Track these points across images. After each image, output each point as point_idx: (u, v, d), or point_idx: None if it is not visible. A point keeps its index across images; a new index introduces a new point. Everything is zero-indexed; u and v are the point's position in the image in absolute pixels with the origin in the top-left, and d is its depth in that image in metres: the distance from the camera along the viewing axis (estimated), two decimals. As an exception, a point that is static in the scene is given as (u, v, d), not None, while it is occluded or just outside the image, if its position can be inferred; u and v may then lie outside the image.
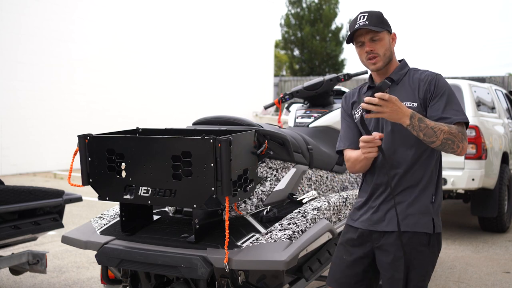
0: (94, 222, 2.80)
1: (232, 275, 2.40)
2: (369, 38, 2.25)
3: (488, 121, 6.35)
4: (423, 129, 2.08)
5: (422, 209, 2.23)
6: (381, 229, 2.26)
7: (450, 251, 5.60)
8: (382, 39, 2.26)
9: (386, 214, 2.26)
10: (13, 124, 11.48)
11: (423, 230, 2.22)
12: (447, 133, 2.11)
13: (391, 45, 2.31)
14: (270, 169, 2.77)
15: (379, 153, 2.17)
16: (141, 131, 2.79)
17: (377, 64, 2.27)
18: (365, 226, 2.31)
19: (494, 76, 18.21)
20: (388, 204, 2.27)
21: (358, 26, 2.25)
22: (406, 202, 2.24)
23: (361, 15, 2.28)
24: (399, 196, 2.25)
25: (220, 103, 17.34)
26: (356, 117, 2.38)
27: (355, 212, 2.40)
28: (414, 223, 2.22)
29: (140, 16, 14.68)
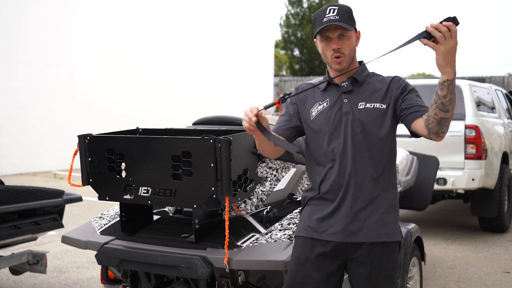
0: (94, 222, 2.80)
1: (232, 275, 2.40)
2: (337, 35, 2.11)
3: (488, 121, 6.35)
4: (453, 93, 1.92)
5: (395, 217, 2.14)
6: (360, 240, 2.09)
7: (450, 251, 5.60)
8: (350, 37, 2.13)
9: (364, 224, 2.09)
10: (13, 124, 11.48)
11: (398, 239, 2.14)
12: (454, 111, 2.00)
13: (355, 44, 2.18)
14: (270, 169, 2.77)
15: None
16: (141, 131, 2.79)
17: (342, 64, 2.13)
18: (340, 238, 2.09)
19: (494, 76, 18.21)
20: (364, 212, 2.09)
21: (327, 20, 2.09)
22: (381, 210, 2.10)
23: (331, 8, 2.13)
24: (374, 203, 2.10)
25: (220, 103, 17.33)
26: (313, 115, 2.19)
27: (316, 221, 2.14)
28: (391, 232, 2.11)
29: (140, 16, 14.68)
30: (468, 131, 5.90)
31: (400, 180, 4.12)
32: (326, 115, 2.16)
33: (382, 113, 2.12)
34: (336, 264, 2.12)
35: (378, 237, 2.09)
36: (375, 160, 2.11)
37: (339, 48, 2.11)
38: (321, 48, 2.17)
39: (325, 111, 2.17)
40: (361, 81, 2.18)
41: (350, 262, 2.12)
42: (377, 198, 2.11)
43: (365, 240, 2.09)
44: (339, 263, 2.13)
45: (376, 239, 2.09)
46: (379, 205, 2.11)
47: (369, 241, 2.09)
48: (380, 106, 2.12)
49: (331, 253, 2.11)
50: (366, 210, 2.10)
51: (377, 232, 2.09)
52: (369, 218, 2.09)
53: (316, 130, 2.17)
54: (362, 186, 2.10)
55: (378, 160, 2.12)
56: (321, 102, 2.20)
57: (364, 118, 2.12)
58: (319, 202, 2.16)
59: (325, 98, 2.20)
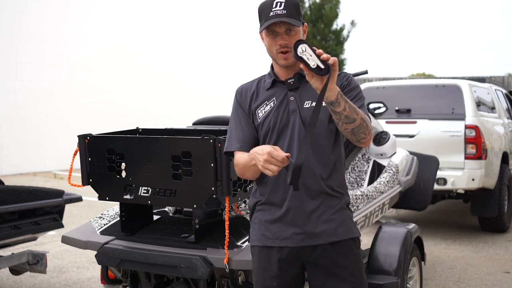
0: (94, 222, 2.80)
1: (232, 275, 2.40)
2: (284, 30, 2.01)
3: (488, 121, 6.35)
4: (348, 102, 1.86)
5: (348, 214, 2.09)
6: (314, 242, 2.00)
7: (450, 251, 5.60)
8: (297, 32, 2.03)
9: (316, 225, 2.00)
10: (13, 124, 11.48)
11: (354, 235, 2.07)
12: (362, 115, 1.92)
13: (302, 38, 2.07)
14: (270, 169, 2.76)
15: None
16: (141, 131, 2.79)
17: (289, 60, 2.02)
18: (294, 243, 2.00)
19: (494, 76, 18.20)
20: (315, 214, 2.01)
21: (274, 14, 2.00)
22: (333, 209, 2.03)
23: (277, 1, 2.02)
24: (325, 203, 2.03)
25: (220, 103, 17.33)
26: (260, 116, 2.08)
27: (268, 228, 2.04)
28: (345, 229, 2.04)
29: (140, 16, 14.68)
30: (468, 131, 5.90)
31: (400, 180, 4.12)
32: (273, 114, 2.05)
33: (328, 112, 1.99)
34: (294, 269, 2.04)
35: (333, 236, 2.01)
36: (323, 160, 2.03)
37: (286, 43, 2.01)
38: (267, 43, 2.08)
39: (272, 111, 2.06)
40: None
41: (308, 264, 2.04)
42: (327, 198, 2.03)
43: (319, 241, 2.00)
44: (297, 267, 2.05)
45: (331, 239, 2.01)
46: (330, 204, 2.03)
47: (324, 242, 2.00)
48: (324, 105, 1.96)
49: (288, 259, 2.02)
50: (317, 211, 2.01)
51: (331, 232, 2.01)
52: (321, 218, 2.01)
53: (264, 132, 2.06)
54: (310, 187, 2.00)
55: (326, 160, 2.03)
56: (267, 101, 2.09)
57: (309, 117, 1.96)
58: (267, 207, 2.05)
59: (271, 96, 2.10)
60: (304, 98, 2.05)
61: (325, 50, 30.06)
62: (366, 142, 1.98)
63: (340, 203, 2.06)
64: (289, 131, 2.02)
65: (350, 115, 1.87)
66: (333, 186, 2.05)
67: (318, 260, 2.01)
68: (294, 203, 2.00)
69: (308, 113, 1.99)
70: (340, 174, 2.10)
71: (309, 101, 2.04)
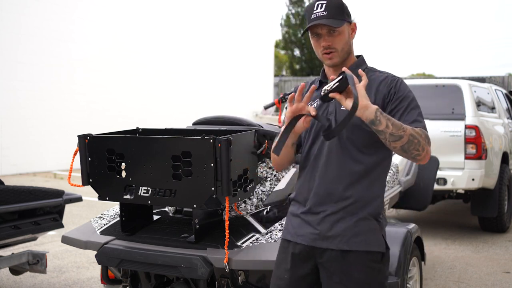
0: (94, 222, 2.80)
1: (232, 275, 2.40)
2: (326, 31, 1.99)
3: (488, 121, 6.35)
4: (391, 119, 1.83)
5: (375, 225, 1.99)
6: (325, 246, 1.98)
7: (450, 251, 5.60)
8: (341, 32, 1.99)
9: (332, 229, 1.98)
10: (13, 124, 11.48)
11: (374, 249, 1.98)
12: (412, 131, 1.85)
13: (350, 37, 2.05)
14: (270, 169, 2.77)
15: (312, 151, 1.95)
16: (141, 131, 2.79)
17: (334, 60, 2.01)
18: (307, 241, 2.01)
19: (494, 76, 18.21)
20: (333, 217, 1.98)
21: (315, 17, 1.98)
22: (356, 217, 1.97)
23: (318, 3, 2.00)
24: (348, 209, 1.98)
25: (220, 103, 17.34)
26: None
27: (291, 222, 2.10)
28: (365, 240, 1.96)
29: (140, 16, 14.68)
30: (468, 131, 5.90)
31: (400, 180, 4.12)
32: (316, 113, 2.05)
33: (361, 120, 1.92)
34: (307, 267, 2.03)
35: (344, 245, 1.96)
36: (352, 164, 1.98)
37: (329, 44, 2.00)
38: (313, 45, 2.08)
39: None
40: None
41: (319, 266, 2.02)
42: (350, 205, 1.97)
43: (330, 246, 1.97)
44: (310, 267, 2.03)
45: (341, 247, 1.96)
46: (352, 212, 1.97)
47: (334, 247, 1.97)
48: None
49: (300, 256, 2.03)
50: (336, 215, 1.98)
51: (344, 240, 1.96)
52: (337, 224, 1.97)
53: (303, 132, 2.08)
54: (334, 192, 1.99)
55: (357, 165, 1.98)
56: (312, 102, 2.10)
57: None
58: (295, 203, 2.11)
59: (317, 97, 2.10)
60: None
61: (325, 50, 30.04)
62: (422, 160, 1.91)
63: (364, 213, 1.98)
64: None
65: (395, 132, 1.84)
66: (359, 195, 1.98)
67: (327, 264, 1.99)
68: (316, 204, 2.02)
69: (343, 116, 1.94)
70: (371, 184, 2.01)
71: None
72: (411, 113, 1.95)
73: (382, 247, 2.00)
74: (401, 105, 1.96)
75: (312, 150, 2.06)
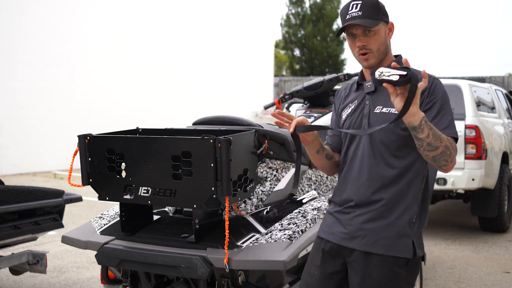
0: (94, 222, 2.80)
1: (232, 275, 2.40)
2: (361, 31, 1.98)
3: (488, 121, 6.35)
4: (432, 128, 1.78)
5: (404, 231, 1.96)
6: (351, 246, 2.01)
7: (450, 251, 5.60)
8: (377, 32, 1.97)
9: (359, 230, 2.00)
10: (13, 124, 11.48)
11: (398, 255, 1.95)
12: (446, 141, 1.83)
13: (387, 37, 2.02)
14: (270, 169, 2.77)
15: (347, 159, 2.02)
16: (141, 131, 2.79)
17: (370, 61, 2.00)
18: (336, 239, 2.06)
19: (494, 76, 18.21)
20: (361, 218, 2.00)
21: (350, 17, 1.98)
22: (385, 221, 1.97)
23: (353, 3, 1.99)
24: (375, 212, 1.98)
25: (220, 103, 17.34)
26: (343, 118, 2.14)
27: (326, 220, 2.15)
28: (390, 244, 1.95)
29: (140, 16, 14.68)
30: (468, 131, 5.90)
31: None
32: (351, 117, 2.09)
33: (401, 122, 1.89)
34: (336, 265, 2.06)
35: (368, 247, 1.97)
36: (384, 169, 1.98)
37: (364, 45, 1.98)
38: (349, 46, 2.06)
39: (350, 113, 2.10)
40: None
41: (348, 265, 2.05)
42: (381, 209, 1.98)
43: (355, 246, 2.00)
44: (339, 265, 2.06)
45: (365, 249, 1.98)
46: (382, 215, 1.97)
47: (359, 248, 1.99)
48: (395, 111, 1.92)
49: (329, 253, 2.08)
50: (364, 216, 1.99)
51: (370, 242, 1.97)
52: (365, 225, 1.99)
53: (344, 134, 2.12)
54: (364, 194, 2.00)
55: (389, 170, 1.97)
56: (351, 104, 2.12)
57: (376, 124, 1.96)
58: (331, 203, 2.17)
59: (354, 99, 2.12)
60: (377, 103, 2.01)
61: (326, 50, 30.05)
62: (447, 170, 1.89)
63: (393, 217, 1.97)
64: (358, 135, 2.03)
65: (433, 142, 1.80)
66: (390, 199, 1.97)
67: (353, 264, 2.02)
68: (346, 205, 2.05)
69: (377, 118, 1.97)
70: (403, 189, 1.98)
71: (380, 106, 2.00)
72: (443, 119, 1.91)
73: (409, 253, 1.96)
74: (434, 108, 1.92)
75: (348, 152, 2.09)
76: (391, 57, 2.07)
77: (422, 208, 2.03)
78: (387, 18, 2.03)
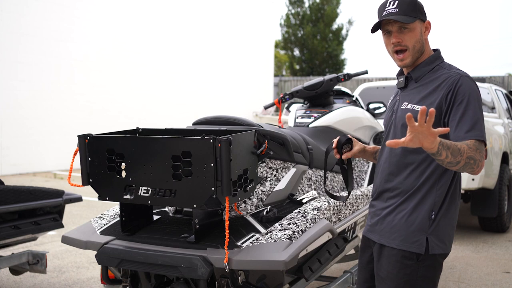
0: (94, 222, 2.80)
1: (232, 275, 2.40)
2: (397, 28, 2.00)
3: (488, 121, 6.35)
4: (450, 147, 1.77)
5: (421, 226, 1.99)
6: (373, 238, 2.15)
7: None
8: (413, 29, 2.00)
9: (381, 223, 2.11)
10: (13, 124, 11.48)
11: (410, 249, 2.00)
12: (469, 151, 1.82)
13: (423, 35, 2.03)
14: (270, 169, 2.77)
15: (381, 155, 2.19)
16: (141, 131, 2.79)
17: (405, 61, 2.03)
18: (364, 231, 2.25)
19: (494, 76, 18.21)
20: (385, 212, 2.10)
21: (386, 14, 2.00)
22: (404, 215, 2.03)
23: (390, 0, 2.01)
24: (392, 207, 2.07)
25: (220, 103, 17.33)
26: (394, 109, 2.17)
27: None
28: (404, 239, 2.01)
29: (140, 16, 14.68)
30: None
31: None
32: (388, 112, 2.21)
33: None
34: (367, 256, 2.25)
35: (382, 239, 2.09)
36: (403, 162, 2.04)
37: (399, 41, 2.01)
38: (384, 43, 2.09)
39: (389, 108, 2.23)
40: (417, 77, 2.05)
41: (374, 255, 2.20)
42: (402, 202, 2.04)
43: (376, 239, 2.13)
44: (370, 255, 2.23)
45: (380, 241, 2.10)
46: (401, 209, 2.03)
47: (376, 240, 2.13)
48: (418, 108, 1.96)
49: (363, 245, 2.28)
50: (386, 210, 2.10)
51: (385, 235, 2.08)
52: (385, 218, 2.09)
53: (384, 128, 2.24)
54: (384, 188, 2.12)
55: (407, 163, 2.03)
56: (392, 98, 2.24)
57: (401, 120, 2.04)
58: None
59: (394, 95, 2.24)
60: (404, 99, 2.08)
61: (326, 50, 30.05)
62: (475, 174, 1.90)
63: (409, 212, 2.01)
64: (388, 129, 2.16)
65: (453, 160, 1.80)
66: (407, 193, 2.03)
67: (375, 254, 2.17)
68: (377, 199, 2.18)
69: (401, 114, 2.06)
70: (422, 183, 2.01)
71: (406, 103, 2.05)
72: (467, 121, 1.88)
73: (420, 249, 1.99)
74: (458, 110, 1.91)
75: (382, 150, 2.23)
76: (429, 52, 2.09)
77: (447, 206, 2.02)
78: (424, 17, 2.05)
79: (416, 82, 2.05)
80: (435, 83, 1.99)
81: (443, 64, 2.07)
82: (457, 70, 2.02)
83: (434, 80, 2.00)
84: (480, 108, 1.93)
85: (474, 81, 1.98)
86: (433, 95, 1.97)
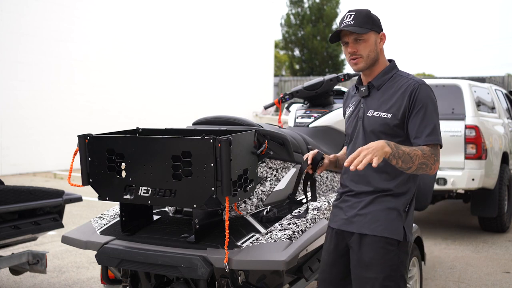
0: (94, 222, 2.80)
1: (232, 275, 2.40)
2: (353, 39, 2.21)
3: (488, 121, 6.35)
4: (401, 156, 2.02)
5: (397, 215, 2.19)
6: (351, 229, 2.25)
7: (450, 251, 5.60)
8: (367, 40, 2.20)
9: (357, 215, 2.24)
10: (13, 124, 11.47)
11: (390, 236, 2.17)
12: (421, 157, 2.05)
13: (377, 45, 2.24)
14: (270, 169, 2.77)
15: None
16: (141, 131, 2.79)
17: (359, 65, 2.22)
18: (338, 225, 2.31)
19: (494, 76, 18.21)
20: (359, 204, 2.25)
21: (343, 25, 2.21)
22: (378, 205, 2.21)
23: (348, 14, 2.23)
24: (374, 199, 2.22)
25: (220, 103, 17.33)
26: (346, 118, 2.40)
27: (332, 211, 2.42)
28: (384, 227, 2.18)
29: (140, 16, 14.68)
30: (468, 131, 5.90)
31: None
32: (349, 118, 2.33)
33: (386, 123, 2.17)
34: (341, 249, 2.30)
35: (363, 229, 2.20)
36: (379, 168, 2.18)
37: (355, 51, 2.21)
38: (344, 52, 2.28)
39: (349, 114, 2.34)
40: (378, 85, 2.25)
41: (349, 247, 2.27)
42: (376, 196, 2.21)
43: (353, 229, 2.23)
44: (343, 248, 2.29)
45: (360, 230, 2.21)
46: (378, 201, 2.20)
47: (355, 231, 2.23)
48: (385, 115, 2.18)
49: (335, 239, 2.32)
50: (361, 203, 2.23)
51: (365, 225, 2.20)
52: (361, 210, 2.22)
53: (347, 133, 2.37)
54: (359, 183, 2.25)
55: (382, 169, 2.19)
56: (350, 104, 2.37)
57: (369, 127, 2.22)
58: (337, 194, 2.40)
59: (354, 101, 2.36)
60: (369, 107, 2.24)
61: (326, 50, 30.06)
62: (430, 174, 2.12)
63: (388, 204, 2.19)
64: (355, 135, 2.28)
65: (404, 166, 2.05)
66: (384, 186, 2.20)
67: (352, 245, 2.24)
68: (347, 194, 2.29)
69: (369, 122, 2.22)
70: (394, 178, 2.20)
71: (372, 110, 2.22)
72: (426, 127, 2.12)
73: (400, 236, 2.19)
74: (417, 116, 2.14)
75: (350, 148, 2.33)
76: (383, 63, 2.28)
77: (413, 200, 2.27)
78: (378, 29, 2.25)
79: (378, 90, 2.24)
80: (396, 90, 2.19)
81: (400, 72, 2.28)
82: (414, 77, 2.23)
83: (395, 88, 2.20)
84: (437, 114, 2.17)
85: (431, 88, 2.21)
86: (397, 102, 2.18)
